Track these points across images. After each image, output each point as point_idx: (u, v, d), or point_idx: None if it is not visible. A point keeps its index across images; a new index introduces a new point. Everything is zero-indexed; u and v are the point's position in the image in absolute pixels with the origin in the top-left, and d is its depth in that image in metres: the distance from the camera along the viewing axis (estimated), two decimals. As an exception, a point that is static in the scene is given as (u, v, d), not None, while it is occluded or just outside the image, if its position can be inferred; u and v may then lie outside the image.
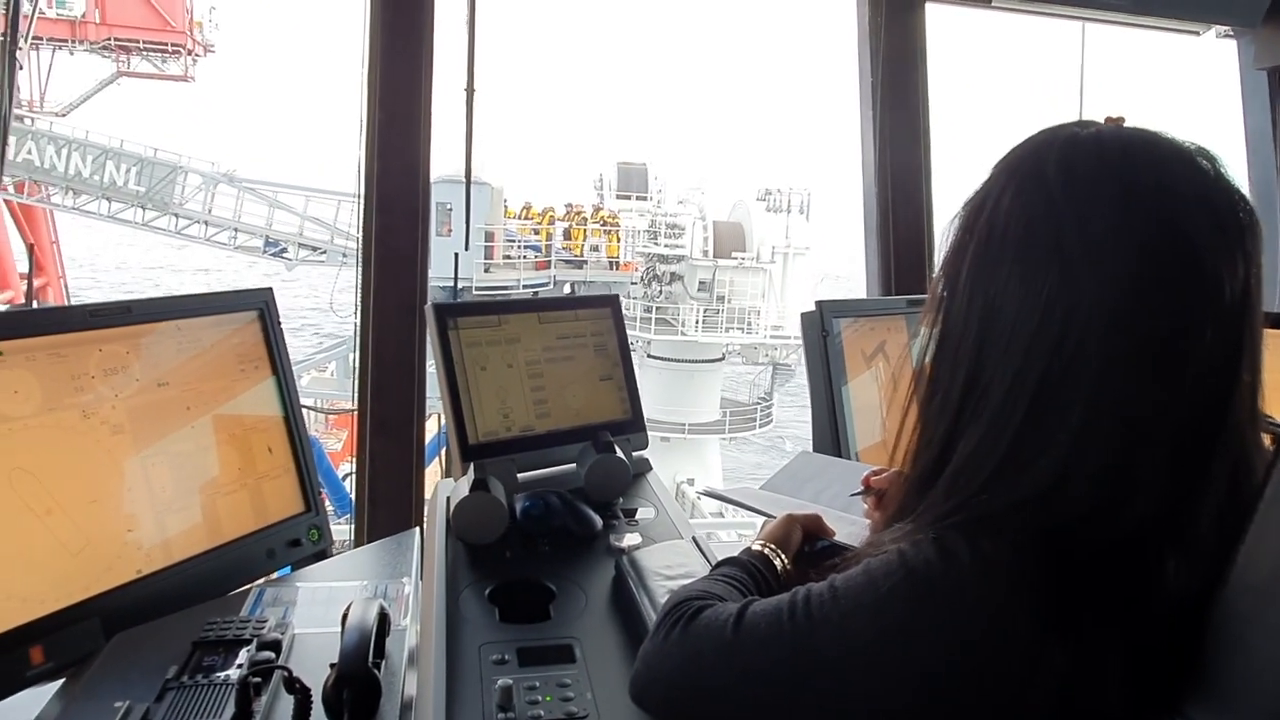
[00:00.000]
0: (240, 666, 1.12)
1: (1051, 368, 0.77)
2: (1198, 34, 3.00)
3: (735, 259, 17.90)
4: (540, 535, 1.41)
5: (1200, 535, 0.75)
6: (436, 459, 7.45)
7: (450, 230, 12.16)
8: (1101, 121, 0.84)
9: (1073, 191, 0.78)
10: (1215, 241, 0.75)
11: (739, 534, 4.74)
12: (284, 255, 16.52)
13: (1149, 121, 0.82)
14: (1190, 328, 0.75)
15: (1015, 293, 0.79)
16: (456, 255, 3.04)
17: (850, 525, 1.17)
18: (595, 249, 17.27)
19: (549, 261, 16.73)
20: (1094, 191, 0.78)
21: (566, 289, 16.69)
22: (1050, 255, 0.78)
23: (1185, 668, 0.73)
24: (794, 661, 0.80)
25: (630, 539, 1.41)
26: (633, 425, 1.69)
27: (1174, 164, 0.78)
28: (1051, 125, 0.85)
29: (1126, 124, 0.83)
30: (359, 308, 2.33)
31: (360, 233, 2.35)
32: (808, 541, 1.13)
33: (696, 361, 17.72)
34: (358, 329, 2.34)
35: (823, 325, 1.98)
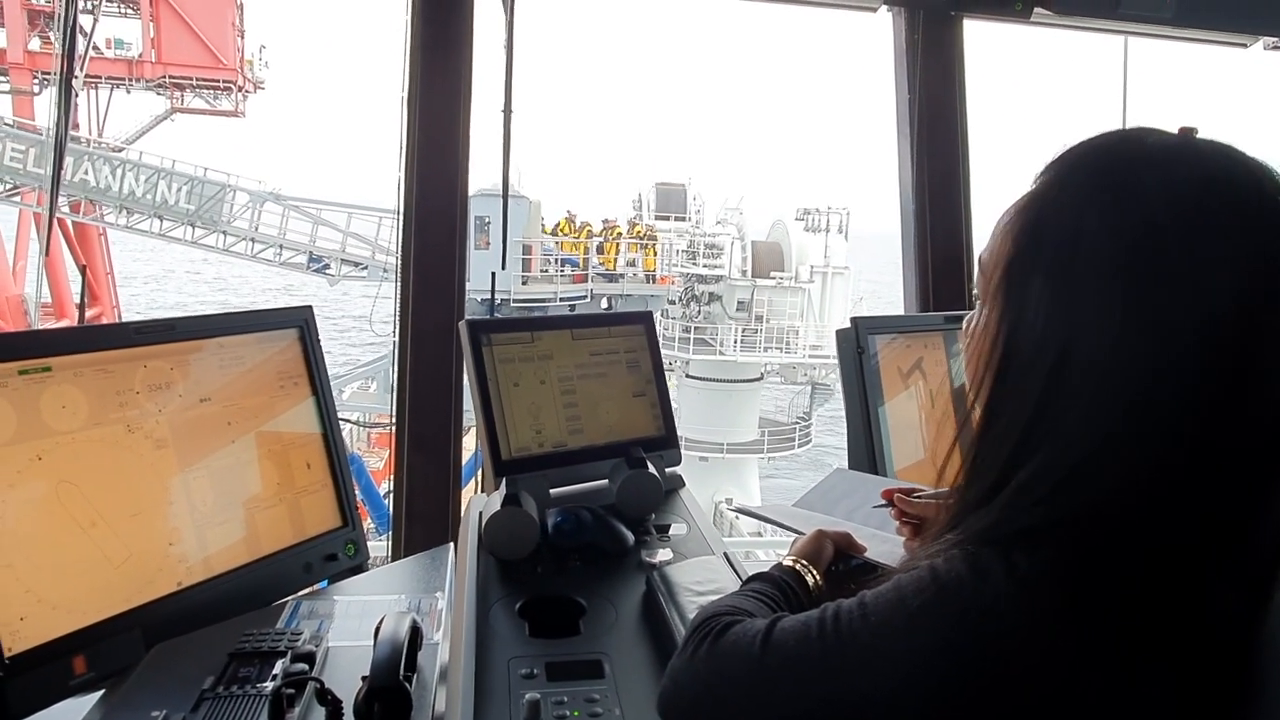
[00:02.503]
0: (275, 678, 1.13)
1: (1141, 395, 0.73)
2: (1245, 45, 2.93)
3: (774, 279, 17.87)
4: (571, 550, 1.41)
5: (1256, 556, 0.72)
6: (474, 477, 7.49)
7: (488, 243, 12.31)
8: (1174, 131, 0.79)
9: (1179, 210, 0.73)
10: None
11: (776, 553, 4.69)
12: (326, 271, 16.90)
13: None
14: (1272, 354, 0.72)
15: (1107, 316, 0.74)
16: (494, 275, 3.08)
17: (884, 543, 1.15)
18: (632, 263, 17.36)
19: (586, 275, 16.85)
20: (1200, 211, 0.73)
21: (604, 302, 16.80)
22: (1153, 279, 0.73)
23: (1236, 687, 0.71)
24: (822, 679, 0.79)
25: (662, 555, 1.41)
26: (666, 442, 1.68)
27: (1268, 185, 0.74)
28: (1123, 130, 0.80)
29: (1198, 136, 0.79)
30: (397, 325, 2.36)
31: (399, 252, 2.39)
32: (839, 559, 1.12)
33: (735, 381, 17.67)
34: (396, 346, 2.38)
35: (858, 342, 1.96)
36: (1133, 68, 3.00)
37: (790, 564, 1.07)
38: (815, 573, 1.06)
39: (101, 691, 1.23)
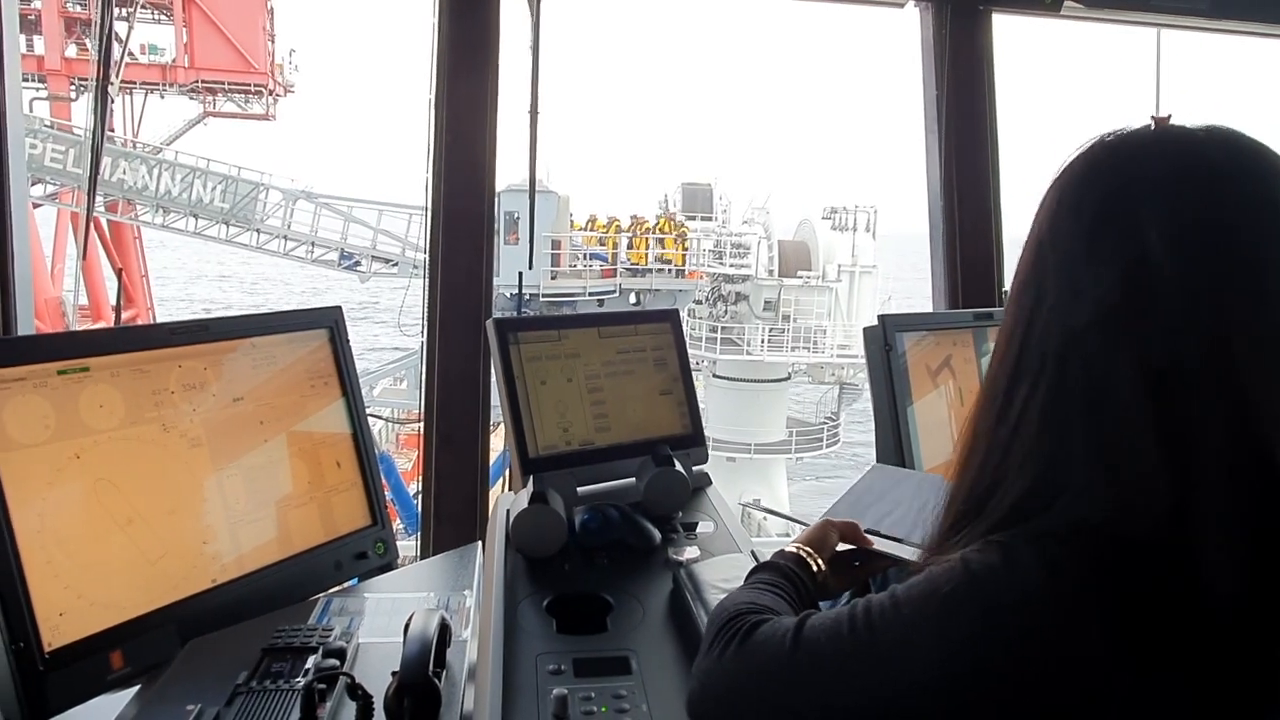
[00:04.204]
0: (306, 673, 1.14)
1: (1051, 373, 0.78)
2: (1282, 36, 2.88)
3: (801, 278, 17.79)
4: (599, 548, 1.42)
5: (1228, 535, 0.70)
6: (503, 476, 7.51)
7: (518, 239, 12.41)
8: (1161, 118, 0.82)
9: (1058, 206, 0.82)
10: (1179, 244, 0.74)
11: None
12: (358, 268, 17.12)
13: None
14: (1157, 327, 0.73)
15: (1018, 303, 0.83)
16: (520, 274, 3.09)
17: (912, 552, 1.14)
18: (660, 259, 17.39)
19: (615, 270, 16.89)
20: (1075, 204, 0.81)
21: (632, 297, 16.85)
22: (1036, 266, 0.82)
23: (1259, 676, 0.70)
24: (856, 673, 0.78)
25: (689, 552, 1.41)
26: (693, 439, 1.68)
27: (1157, 161, 0.78)
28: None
29: (1170, 123, 0.81)
30: (425, 324, 2.38)
31: (427, 251, 2.41)
32: (857, 557, 1.14)
33: (762, 381, 17.60)
34: (424, 344, 2.40)
35: (885, 340, 1.94)
36: (1166, 60, 2.95)
37: (794, 550, 1.08)
38: (819, 559, 1.07)
39: (138, 686, 1.25)
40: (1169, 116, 0.82)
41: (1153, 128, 0.81)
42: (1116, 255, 0.76)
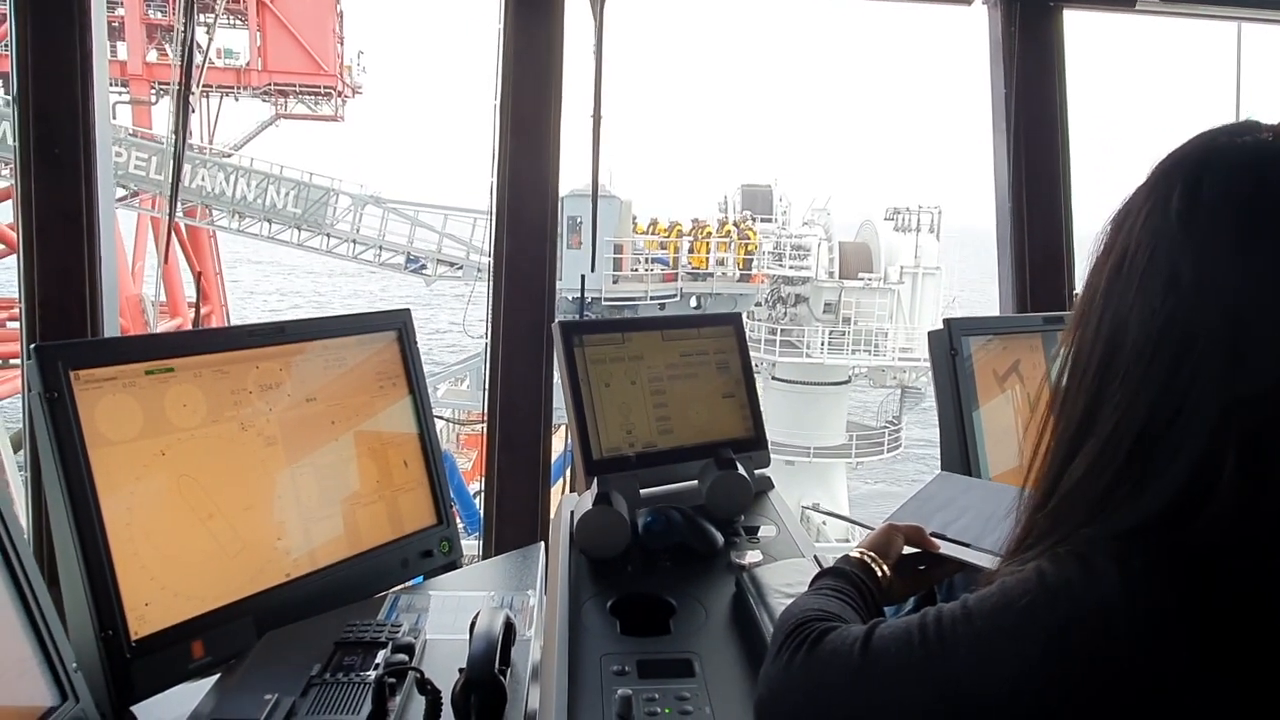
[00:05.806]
0: (377, 667, 1.18)
1: (1164, 398, 0.73)
2: (1375, 28, 2.75)
3: (862, 280, 17.59)
4: (661, 550, 1.42)
5: None
6: (563, 476, 7.56)
7: (580, 243, 12.54)
8: (1267, 124, 0.78)
9: (1193, 217, 0.75)
10: None
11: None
12: (423, 271, 17.47)
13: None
14: None
15: (1137, 318, 0.76)
16: (583, 277, 3.12)
17: (980, 557, 1.12)
18: (721, 262, 17.36)
19: (676, 274, 16.93)
20: (1215, 218, 0.74)
21: (693, 301, 16.87)
22: (1169, 284, 0.74)
23: None
24: (926, 687, 0.77)
25: (751, 556, 1.41)
26: (755, 443, 1.68)
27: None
28: (1211, 129, 0.80)
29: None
30: (489, 327, 2.42)
31: (491, 256, 2.45)
32: (923, 561, 1.13)
33: (822, 384, 17.46)
34: (488, 347, 2.43)
35: (951, 344, 1.90)
36: (1248, 54, 2.85)
37: (859, 556, 1.07)
38: (884, 565, 1.06)
39: (217, 675, 1.29)
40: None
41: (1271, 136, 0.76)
42: None
